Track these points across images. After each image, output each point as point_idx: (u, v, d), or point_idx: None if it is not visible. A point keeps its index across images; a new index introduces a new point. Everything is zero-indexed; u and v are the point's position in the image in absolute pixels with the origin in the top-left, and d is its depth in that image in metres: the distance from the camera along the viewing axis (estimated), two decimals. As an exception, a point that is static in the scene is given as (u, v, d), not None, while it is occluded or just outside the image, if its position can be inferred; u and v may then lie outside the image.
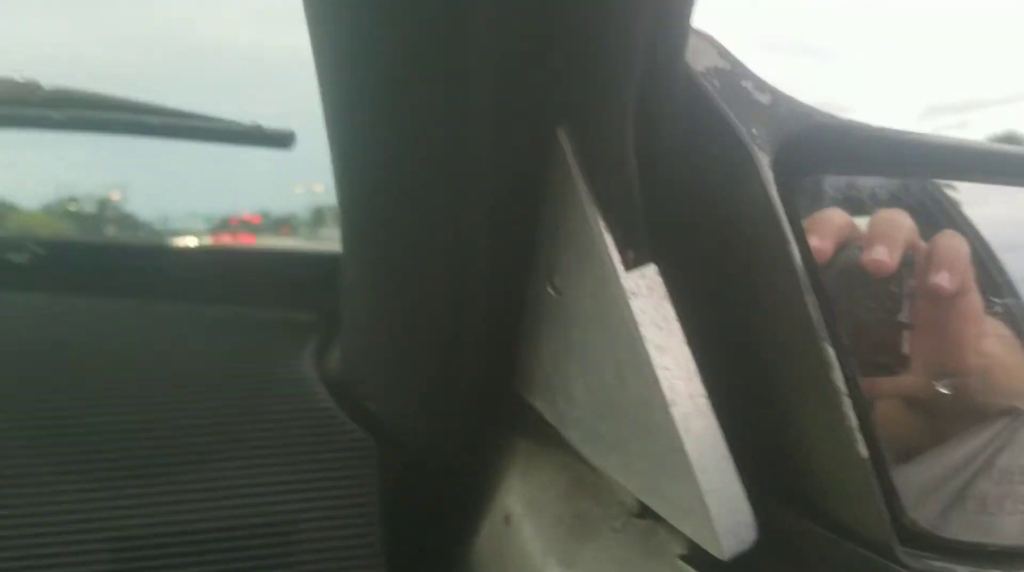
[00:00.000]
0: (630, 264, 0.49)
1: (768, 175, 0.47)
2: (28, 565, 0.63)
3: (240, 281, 0.85)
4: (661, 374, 0.48)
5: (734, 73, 0.50)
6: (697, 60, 0.50)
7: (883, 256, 0.52)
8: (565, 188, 0.51)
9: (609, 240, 0.49)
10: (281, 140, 0.81)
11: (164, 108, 0.79)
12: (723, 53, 0.51)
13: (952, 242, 0.56)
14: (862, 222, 0.56)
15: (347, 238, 0.64)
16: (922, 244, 0.57)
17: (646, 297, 0.49)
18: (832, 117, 0.51)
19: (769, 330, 0.49)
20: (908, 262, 0.56)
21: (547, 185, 0.53)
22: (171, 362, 0.75)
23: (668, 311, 0.49)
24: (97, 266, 0.82)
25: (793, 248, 0.46)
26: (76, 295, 0.80)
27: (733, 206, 0.49)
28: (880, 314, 0.53)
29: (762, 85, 0.50)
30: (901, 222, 0.55)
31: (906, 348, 0.55)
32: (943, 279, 0.55)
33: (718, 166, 0.49)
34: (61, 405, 0.70)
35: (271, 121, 0.86)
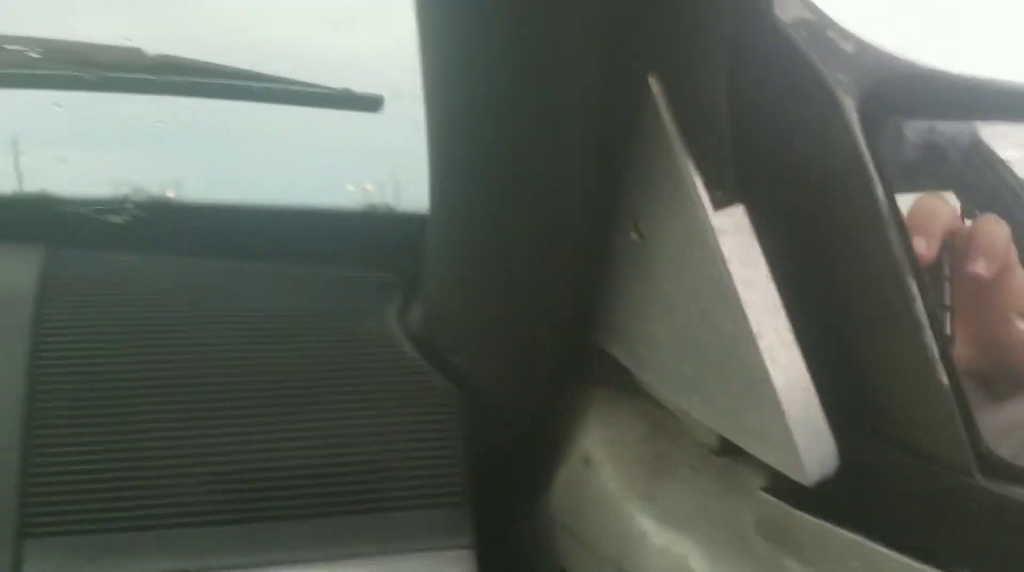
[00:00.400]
0: (719, 203, 0.51)
1: (853, 119, 0.49)
2: (145, 494, 0.67)
3: (326, 242, 0.89)
4: (748, 309, 0.51)
5: (819, 23, 0.52)
6: (784, 11, 0.52)
7: (920, 248, 0.54)
8: (654, 133, 0.54)
9: (698, 181, 0.52)
10: (370, 103, 0.84)
11: (258, 73, 0.83)
12: (808, 5, 0.53)
13: (991, 228, 0.59)
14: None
15: (436, 194, 0.67)
16: (964, 226, 0.59)
17: (733, 235, 0.51)
18: (915, 64, 0.53)
19: (852, 266, 0.51)
20: (949, 246, 0.58)
21: (636, 131, 0.56)
22: (263, 317, 0.79)
23: (755, 248, 0.51)
24: (192, 227, 0.87)
25: (877, 187, 0.49)
26: (172, 255, 0.84)
27: (819, 149, 0.51)
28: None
29: (846, 34, 0.52)
30: (939, 211, 0.58)
31: (948, 329, 0.58)
32: (980, 266, 0.58)
33: (804, 111, 0.51)
34: (167, 355, 0.74)
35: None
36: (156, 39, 0.83)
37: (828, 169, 0.51)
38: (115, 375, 0.71)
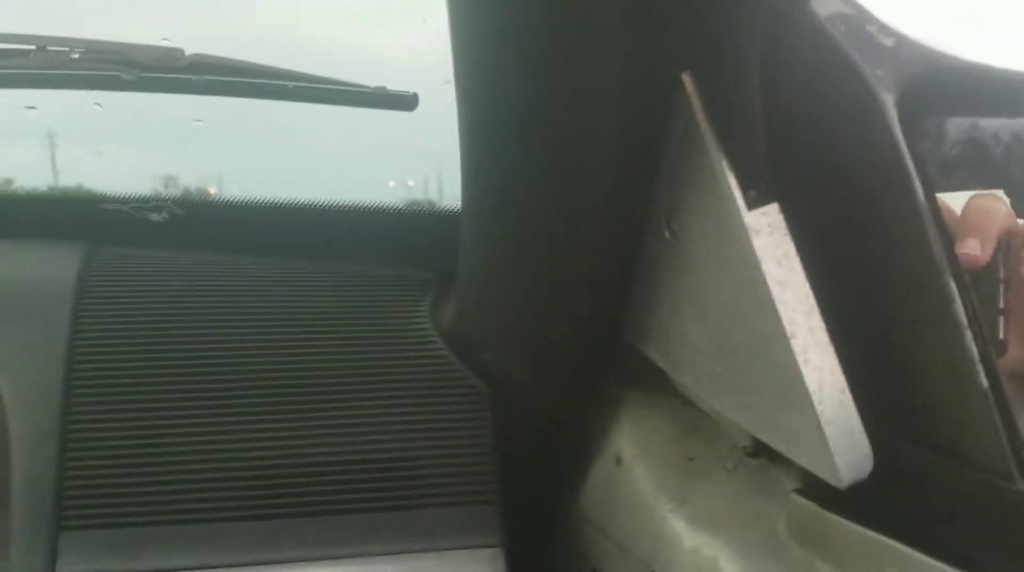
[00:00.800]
0: (752, 202, 0.51)
1: (892, 115, 0.48)
2: (179, 489, 0.68)
3: (361, 239, 0.90)
4: (781, 309, 0.50)
5: (858, 18, 0.52)
6: (821, 6, 0.51)
7: (975, 250, 0.53)
8: (688, 131, 0.53)
9: (732, 180, 0.51)
10: (405, 102, 0.85)
11: (295, 72, 0.84)
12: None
13: None
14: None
15: (468, 192, 0.67)
16: (1020, 226, 0.57)
17: (768, 234, 0.51)
18: (956, 59, 0.52)
19: (890, 266, 0.50)
20: (1004, 248, 0.56)
21: (670, 129, 0.55)
22: (297, 314, 0.80)
23: (789, 248, 0.51)
24: (229, 224, 0.88)
25: (917, 186, 0.48)
26: (210, 252, 0.85)
27: (856, 146, 0.50)
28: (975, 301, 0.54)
29: (886, 29, 0.52)
30: (995, 210, 0.56)
31: (1001, 333, 0.56)
32: None
33: (842, 107, 0.50)
34: (202, 351, 0.75)
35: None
36: (193, 39, 0.84)
37: (866, 166, 0.50)
38: (151, 371, 0.73)
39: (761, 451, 0.58)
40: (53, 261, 0.80)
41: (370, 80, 0.85)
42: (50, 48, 0.83)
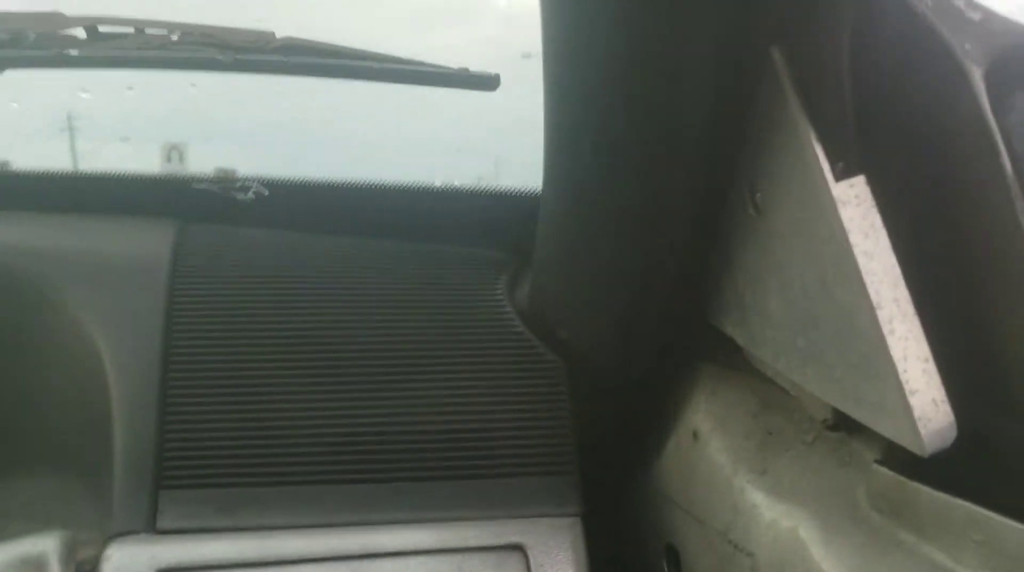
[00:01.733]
0: (840, 174, 0.51)
1: (980, 88, 0.49)
2: (272, 452, 0.72)
3: (440, 219, 0.92)
4: (868, 279, 0.51)
5: None
6: None
7: None
8: (775, 104, 0.54)
9: (820, 152, 0.52)
10: (487, 82, 0.87)
11: (379, 54, 0.87)
12: None
13: None
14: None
15: (550, 170, 0.69)
16: None
17: (855, 206, 0.51)
18: (1047, 33, 0.52)
19: (977, 237, 0.50)
20: None
21: (757, 104, 0.56)
22: (381, 291, 0.82)
23: (876, 219, 0.51)
24: (311, 204, 0.91)
25: (1004, 159, 0.48)
26: (293, 231, 0.89)
27: (945, 118, 0.50)
28: None
29: (972, 3, 0.52)
30: None
31: None
32: None
33: (930, 81, 0.51)
34: (294, 324, 0.78)
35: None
36: (280, 22, 0.87)
37: (953, 139, 0.50)
38: (245, 342, 0.76)
39: (840, 424, 0.59)
40: (148, 236, 0.84)
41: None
42: (148, 31, 0.86)
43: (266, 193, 0.91)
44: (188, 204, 0.89)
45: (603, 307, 0.74)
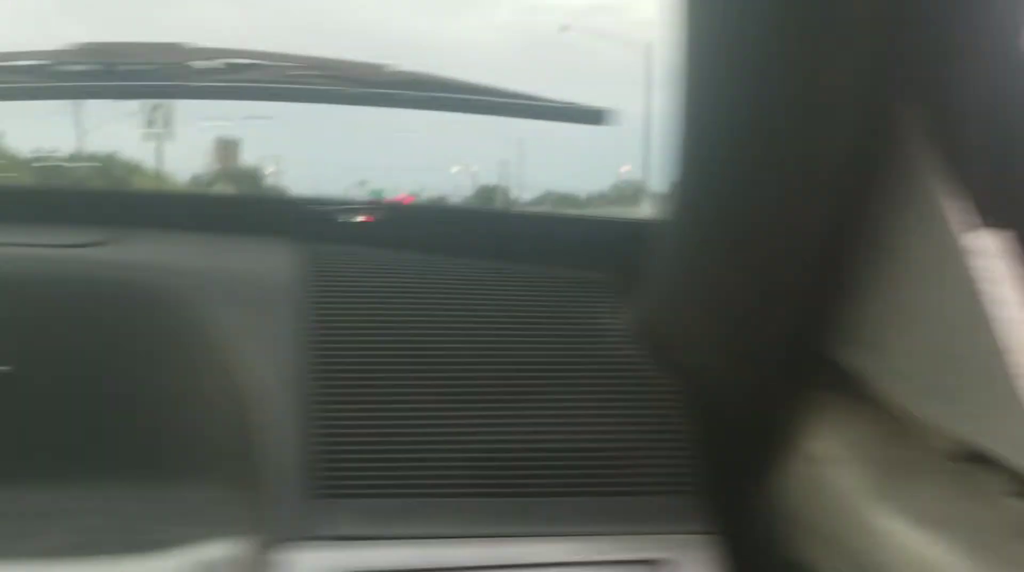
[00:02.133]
0: (973, 225, 0.54)
1: None
2: (414, 465, 0.75)
3: (538, 243, 0.95)
4: (1003, 326, 0.53)
5: None
6: None
7: None
8: (909, 155, 0.57)
9: (952, 203, 0.55)
10: (596, 117, 0.90)
11: (491, 88, 0.90)
12: None
13: None
14: None
15: (679, 202, 0.72)
16: None
17: (989, 256, 0.54)
18: None
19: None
20: None
21: (890, 152, 0.59)
22: (503, 312, 0.86)
23: (1010, 269, 0.54)
24: (423, 227, 0.95)
25: None
26: (406, 251, 0.92)
27: None
28: None
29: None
30: None
31: None
32: None
33: None
34: (423, 342, 0.82)
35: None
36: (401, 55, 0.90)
37: None
38: (380, 358, 0.79)
39: (969, 456, 0.62)
40: (272, 255, 0.88)
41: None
42: (268, 63, 0.90)
43: (379, 216, 0.94)
44: (297, 224, 0.93)
45: (725, 335, 0.77)
